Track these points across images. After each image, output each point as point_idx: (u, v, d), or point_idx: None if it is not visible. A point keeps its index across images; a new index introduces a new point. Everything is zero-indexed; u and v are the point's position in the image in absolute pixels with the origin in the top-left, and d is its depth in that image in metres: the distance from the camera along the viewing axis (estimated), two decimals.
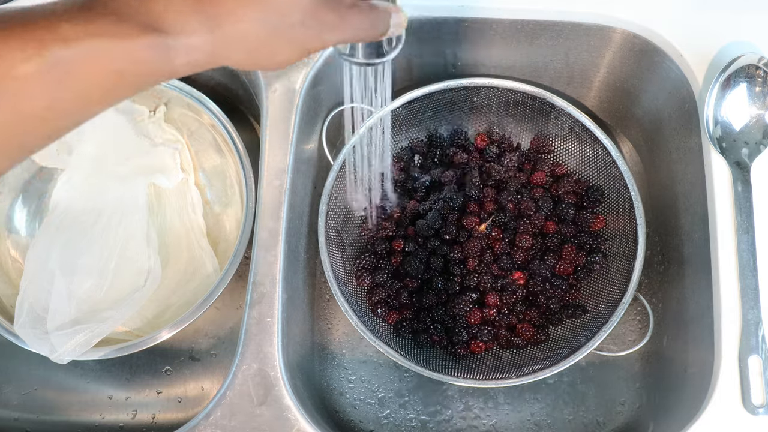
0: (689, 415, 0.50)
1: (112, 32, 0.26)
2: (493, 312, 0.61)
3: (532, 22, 0.59)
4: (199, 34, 0.29)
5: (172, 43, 0.28)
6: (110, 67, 0.27)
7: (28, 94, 0.25)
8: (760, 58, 0.54)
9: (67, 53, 0.25)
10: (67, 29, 0.26)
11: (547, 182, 0.65)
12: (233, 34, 0.29)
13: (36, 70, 0.25)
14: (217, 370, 0.66)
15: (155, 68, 0.28)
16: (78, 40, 0.26)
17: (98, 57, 0.26)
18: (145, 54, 0.27)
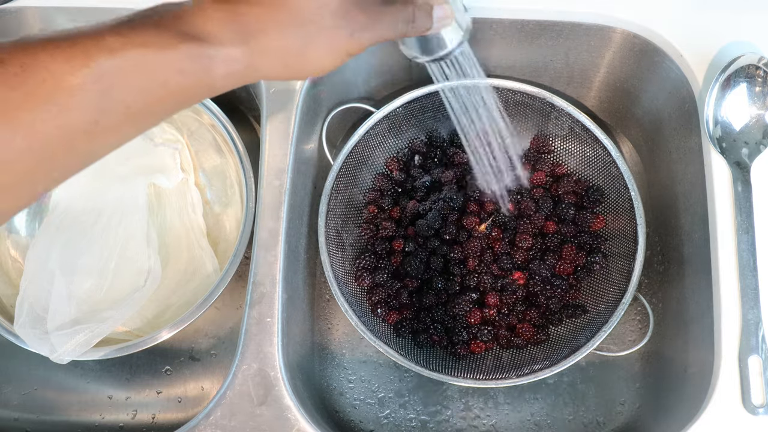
0: (689, 415, 0.50)
1: (155, 42, 0.27)
2: (493, 312, 0.61)
3: (532, 22, 0.59)
4: (236, 44, 0.29)
5: (211, 52, 0.28)
6: (154, 78, 0.27)
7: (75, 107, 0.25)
8: (760, 58, 0.54)
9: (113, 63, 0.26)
10: (112, 41, 0.26)
11: (547, 182, 0.65)
12: (267, 44, 0.30)
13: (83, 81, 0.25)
14: (217, 370, 0.66)
15: (196, 79, 0.29)
16: (123, 50, 0.26)
17: (142, 66, 0.27)
18: (187, 64, 0.28)
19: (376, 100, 0.69)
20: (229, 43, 0.29)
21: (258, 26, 0.29)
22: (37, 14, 0.61)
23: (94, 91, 0.26)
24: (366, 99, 0.68)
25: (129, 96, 0.27)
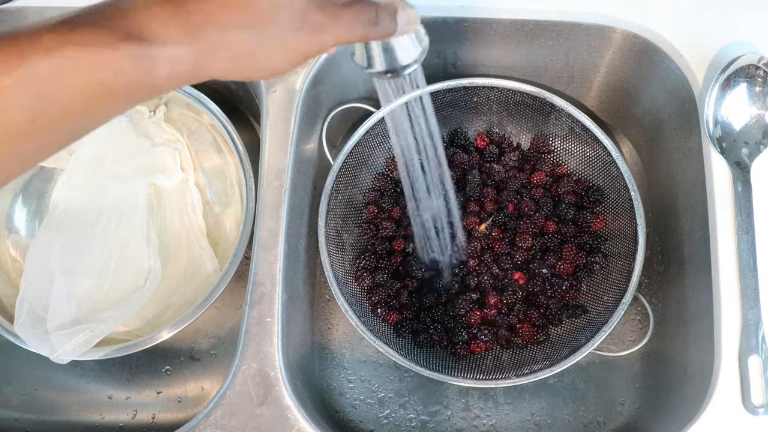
0: (689, 415, 0.50)
1: (93, 41, 0.26)
2: (493, 312, 0.61)
3: (532, 22, 0.59)
4: (182, 43, 0.28)
5: (153, 52, 0.27)
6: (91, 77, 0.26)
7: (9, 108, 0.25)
8: (760, 58, 0.54)
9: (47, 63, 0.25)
10: (49, 40, 0.25)
11: (547, 182, 0.65)
12: (216, 43, 0.28)
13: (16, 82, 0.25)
14: (217, 370, 0.66)
15: (137, 80, 0.27)
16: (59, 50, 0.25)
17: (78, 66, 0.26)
18: (127, 64, 0.27)
19: (376, 100, 0.69)
20: (173, 42, 0.27)
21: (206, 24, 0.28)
22: (37, 14, 0.61)
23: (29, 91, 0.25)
24: (366, 99, 0.68)
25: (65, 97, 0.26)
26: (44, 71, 0.25)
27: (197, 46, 0.28)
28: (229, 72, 0.30)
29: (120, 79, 0.27)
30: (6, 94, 0.25)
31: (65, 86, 0.26)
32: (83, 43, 0.26)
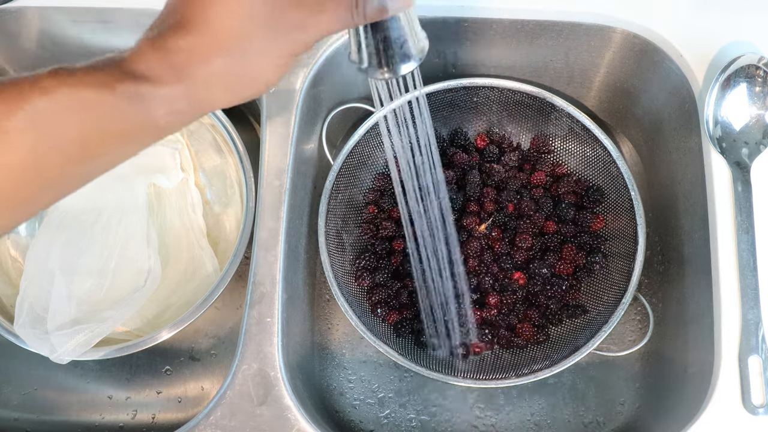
0: (689, 415, 0.50)
1: (90, 82, 0.26)
2: (494, 312, 0.61)
3: (532, 22, 0.59)
4: (174, 82, 0.28)
5: (149, 92, 0.27)
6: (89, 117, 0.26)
7: (13, 148, 0.25)
8: (760, 58, 0.54)
9: (47, 104, 0.25)
10: (48, 81, 0.26)
11: (547, 182, 0.65)
12: (204, 77, 0.28)
13: (18, 124, 0.25)
14: (217, 370, 0.66)
15: (136, 120, 0.28)
16: (57, 90, 0.26)
17: (76, 106, 0.26)
18: (124, 104, 0.27)
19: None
20: (166, 81, 0.28)
21: (190, 61, 0.28)
22: (37, 14, 0.61)
23: (31, 133, 0.25)
24: (366, 99, 0.68)
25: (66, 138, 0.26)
26: (44, 112, 0.25)
27: (187, 83, 0.28)
28: (226, 100, 0.30)
29: (118, 119, 0.27)
30: (11, 134, 0.25)
31: (65, 127, 0.26)
32: (81, 84, 0.26)
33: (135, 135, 0.29)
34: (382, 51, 0.37)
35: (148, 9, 0.60)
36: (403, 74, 0.38)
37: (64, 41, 0.64)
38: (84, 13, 0.61)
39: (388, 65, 0.38)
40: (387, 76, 0.38)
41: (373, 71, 0.38)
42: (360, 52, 0.38)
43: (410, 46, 0.38)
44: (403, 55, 0.38)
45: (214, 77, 0.29)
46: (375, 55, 0.37)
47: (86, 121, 0.26)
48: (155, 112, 0.28)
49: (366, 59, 0.38)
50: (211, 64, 0.28)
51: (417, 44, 0.38)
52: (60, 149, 0.26)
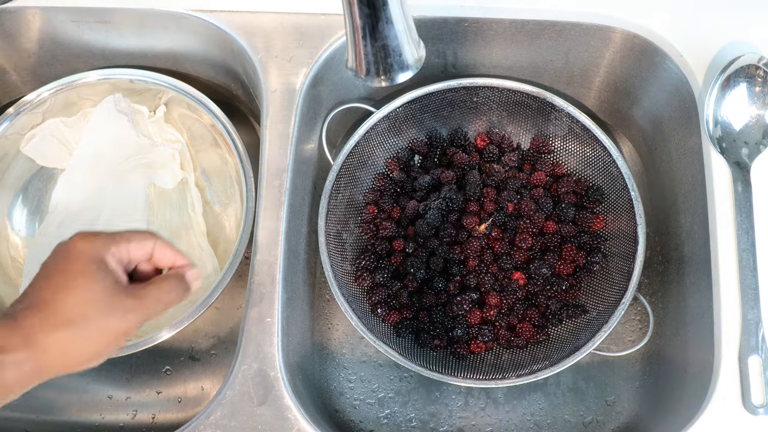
0: (689, 415, 0.50)
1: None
2: (493, 312, 0.61)
3: (532, 22, 0.59)
4: (21, 350, 0.34)
5: (1, 358, 0.33)
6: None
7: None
8: (760, 58, 0.54)
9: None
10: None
11: (547, 182, 0.65)
12: (47, 345, 0.35)
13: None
14: (217, 370, 0.66)
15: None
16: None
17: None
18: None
19: (376, 100, 0.69)
20: (14, 349, 0.34)
21: (37, 331, 0.34)
22: (37, 14, 0.61)
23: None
24: (366, 99, 0.68)
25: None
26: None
27: (33, 350, 0.34)
28: (64, 366, 0.37)
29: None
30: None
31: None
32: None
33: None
34: (380, 60, 0.37)
35: (148, 9, 0.60)
36: (400, 82, 0.39)
37: (64, 41, 0.64)
38: (84, 13, 0.61)
39: (386, 73, 0.38)
40: (384, 84, 0.38)
41: (371, 79, 0.38)
42: (357, 60, 0.38)
43: (408, 55, 0.38)
44: (401, 63, 0.38)
45: (56, 346, 0.35)
46: (373, 63, 0.38)
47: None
48: (5, 375, 0.33)
49: (364, 68, 0.38)
50: (54, 335, 0.35)
51: (415, 53, 0.38)
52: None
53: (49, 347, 0.35)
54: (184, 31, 0.62)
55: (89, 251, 0.38)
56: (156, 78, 0.63)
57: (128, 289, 0.39)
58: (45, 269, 0.38)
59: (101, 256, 0.38)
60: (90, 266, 0.37)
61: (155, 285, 0.40)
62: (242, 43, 0.60)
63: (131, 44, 0.65)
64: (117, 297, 0.37)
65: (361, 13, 0.35)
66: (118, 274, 0.38)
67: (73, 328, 0.36)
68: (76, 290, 0.36)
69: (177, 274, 0.42)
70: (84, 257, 0.37)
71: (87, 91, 0.65)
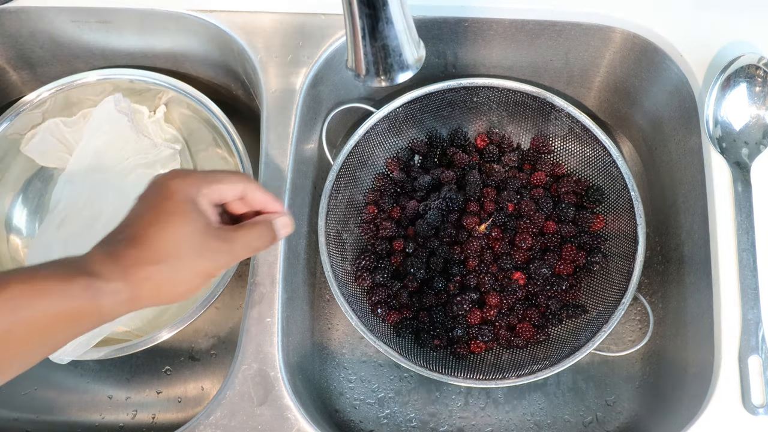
0: (689, 415, 0.50)
1: (57, 275, 0.34)
2: (493, 312, 0.61)
3: (532, 22, 0.59)
4: (118, 279, 0.36)
5: (99, 285, 0.35)
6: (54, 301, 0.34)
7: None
8: (760, 58, 0.54)
9: (22, 288, 0.33)
10: (23, 272, 0.34)
11: (547, 182, 0.65)
12: (142, 278, 0.36)
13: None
14: (217, 370, 0.66)
15: (85, 306, 0.35)
16: (31, 280, 0.33)
17: (46, 292, 0.33)
18: (78, 292, 0.34)
19: (376, 100, 0.69)
20: (112, 278, 0.36)
21: (134, 264, 0.36)
22: (37, 14, 0.61)
23: (6, 308, 0.32)
24: (366, 99, 0.68)
25: (33, 314, 0.33)
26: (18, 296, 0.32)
27: (129, 281, 0.36)
28: (156, 298, 0.38)
29: (69, 304, 0.34)
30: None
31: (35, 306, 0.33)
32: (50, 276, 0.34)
33: (83, 318, 0.35)
34: (380, 60, 0.37)
35: (148, 9, 0.60)
36: (400, 82, 0.39)
37: (64, 41, 0.64)
38: (84, 13, 0.61)
39: (386, 74, 0.38)
40: (384, 84, 0.38)
41: (371, 79, 0.38)
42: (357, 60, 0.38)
43: (408, 55, 0.38)
44: (401, 63, 0.38)
45: (149, 280, 0.37)
46: (373, 63, 0.38)
47: (50, 302, 0.33)
48: (102, 301, 0.35)
49: (364, 68, 0.38)
50: (147, 269, 0.37)
51: (415, 53, 0.38)
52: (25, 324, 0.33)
53: (142, 280, 0.36)
54: (184, 31, 0.62)
55: (182, 191, 0.39)
56: (156, 78, 0.63)
57: (218, 231, 0.39)
58: (141, 203, 0.40)
59: (193, 196, 0.39)
60: (183, 206, 0.38)
61: (245, 230, 0.41)
62: (242, 43, 0.60)
63: (131, 44, 0.65)
64: (207, 238, 0.38)
65: (361, 13, 0.36)
66: (208, 214, 0.39)
67: (165, 266, 0.37)
68: (169, 229, 0.37)
69: (266, 220, 0.43)
70: (177, 196, 0.38)
71: (87, 91, 0.65)
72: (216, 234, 0.39)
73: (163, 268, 0.37)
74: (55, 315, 0.34)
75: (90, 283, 0.35)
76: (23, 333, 0.33)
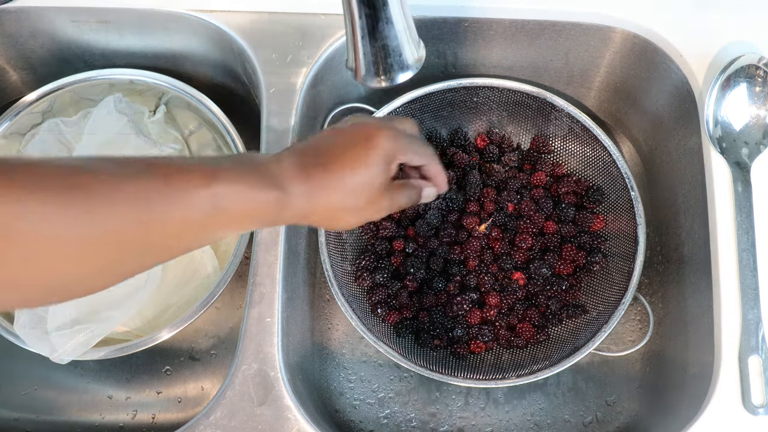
0: (689, 415, 0.50)
1: (256, 183, 0.37)
2: (493, 312, 0.61)
3: (532, 22, 0.59)
4: (302, 198, 0.39)
5: (286, 198, 0.38)
6: (248, 202, 0.37)
7: (196, 208, 0.35)
8: (760, 58, 0.54)
9: (225, 189, 0.35)
10: (226, 174, 0.36)
11: (547, 182, 0.65)
12: (321, 201, 0.40)
13: (204, 195, 0.35)
14: (217, 370, 0.66)
15: (270, 213, 0.39)
16: (234, 182, 0.36)
17: (244, 194, 0.37)
18: (271, 201, 0.38)
19: (376, 100, 0.69)
20: (297, 195, 0.39)
21: (320, 189, 0.40)
22: (37, 14, 0.61)
23: (210, 201, 0.35)
24: (366, 99, 0.68)
25: (230, 211, 0.36)
26: (221, 194, 0.35)
27: (309, 201, 0.40)
28: (321, 224, 0.44)
29: (261, 209, 0.38)
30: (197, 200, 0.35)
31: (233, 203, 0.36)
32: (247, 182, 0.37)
33: (263, 220, 0.39)
34: (380, 60, 0.37)
35: (148, 9, 0.60)
36: (400, 82, 0.39)
37: (64, 41, 0.64)
38: (84, 13, 0.61)
39: (386, 74, 0.38)
40: (384, 85, 0.38)
41: (370, 80, 0.38)
42: (357, 60, 0.38)
43: (408, 55, 0.38)
44: (401, 63, 0.38)
45: (325, 207, 0.41)
46: (373, 63, 0.38)
47: (246, 202, 0.37)
48: (283, 212, 0.39)
49: (364, 68, 0.38)
50: (328, 198, 0.40)
51: (415, 53, 0.38)
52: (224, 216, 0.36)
53: (322, 206, 0.40)
54: (184, 31, 0.62)
55: (386, 150, 0.42)
56: (156, 78, 0.63)
57: (389, 187, 0.43)
58: (341, 137, 0.42)
59: (391, 158, 0.42)
60: (380, 163, 0.42)
61: (405, 190, 0.45)
62: (242, 43, 0.60)
63: (131, 44, 0.65)
64: (381, 194, 0.43)
65: (361, 13, 0.36)
66: (391, 174, 0.43)
67: (344, 203, 0.41)
68: (362, 176, 0.41)
69: (419, 186, 0.47)
70: (379, 152, 0.41)
71: (87, 91, 0.65)
72: (387, 190, 0.43)
73: (340, 203, 0.41)
74: (244, 214, 0.37)
75: (280, 196, 0.38)
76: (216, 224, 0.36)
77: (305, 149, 0.42)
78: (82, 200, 0.30)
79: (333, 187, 0.40)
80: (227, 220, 0.36)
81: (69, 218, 0.29)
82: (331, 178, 0.40)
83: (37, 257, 0.29)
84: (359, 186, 0.41)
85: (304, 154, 0.41)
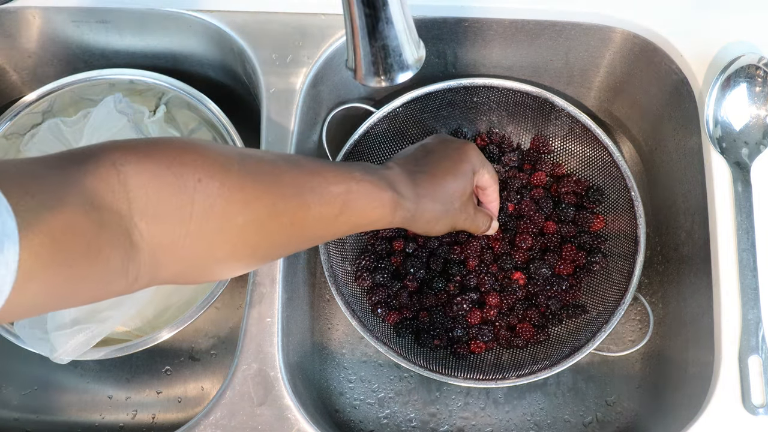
0: (689, 415, 0.50)
1: (379, 185, 0.42)
2: (493, 312, 0.61)
3: (532, 22, 0.59)
4: (411, 201, 0.44)
5: (399, 200, 0.44)
6: (371, 203, 0.42)
7: (330, 203, 0.40)
8: (760, 58, 0.54)
9: (357, 187, 0.41)
10: (359, 175, 0.42)
11: (547, 182, 0.65)
12: (425, 207, 0.46)
13: (341, 191, 0.40)
14: (217, 370, 0.66)
15: (386, 212, 0.43)
16: (364, 182, 0.42)
17: (369, 195, 0.42)
18: (387, 203, 0.43)
19: (376, 100, 0.69)
20: (407, 198, 0.44)
21: (425, 195, 0.46)
22: (37, 14, 0.61)
23: (344, 198, 0.40)
24: (366, 99, 0.68)
25: (357, 206, 0.41)
26: (353, 191, 0.41)
27: (415, 204, 0.45)
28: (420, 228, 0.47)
29: (378, 210, 0.43)
30: (335, 195, 0.40)
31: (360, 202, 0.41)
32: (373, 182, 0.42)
33: (378, 220, 0.43)
34: (380, 60, 0.37)
35: (148, 9, 0.60)
36: (400, 82, 0.39)
37: (64, 41, 0.64)
38: (84, 13, 0.61)
39: (386, 74, 0.38)
40: (384, 84, 0.38)
41: (370, 80, 0.38)
42: (357, 60, 0.38)
43: (408, 55, 0.38)
44: (401, 63, 0.38)
45: (427, 212, 0.46)
46: (373, 64, 0.38)
47: (369, 202, 0.42)
48: (396, 213, 0.44)
49: (363, 68, 0.38)
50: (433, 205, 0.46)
51: (415, 53, 0.38)
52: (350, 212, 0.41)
53: (424, 210, 0.46)
54: (184, 31, 0.62)
55: (476, 163, 0.49)
56: (156, 78, 0.63)
57: (472, 201, 0.50)
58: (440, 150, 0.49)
59: (476, 170, 0.49)
60: (470, 173, 0.48)
61: (482, 214, 0.52)
62: (242, 43, 0.60)
63: (131, 44, 0.65)
64: (466, 205, 0.49)
65: (360, 13, 0.36)
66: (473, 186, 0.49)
67: (442, 207, 0.47)
68: (457, 183, 0.47)
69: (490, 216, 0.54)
70: (470, 165, 0.48)
71: (87, 91, 0.65)
72: (469, 206, 0.50)
73: (436, 212, 0.46)
74: (368, 210, 0.42)
75: (395, 198, 0.43)
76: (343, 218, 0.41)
77: (405, 161, 0.48)
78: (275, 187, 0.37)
79: (435, 193, 0.46)
80: (352, 215, 0.41)
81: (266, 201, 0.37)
82: (434, 183, 0.46)
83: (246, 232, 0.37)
84: (456, 192, 0.47)
85: (406, 163, 0.47)
